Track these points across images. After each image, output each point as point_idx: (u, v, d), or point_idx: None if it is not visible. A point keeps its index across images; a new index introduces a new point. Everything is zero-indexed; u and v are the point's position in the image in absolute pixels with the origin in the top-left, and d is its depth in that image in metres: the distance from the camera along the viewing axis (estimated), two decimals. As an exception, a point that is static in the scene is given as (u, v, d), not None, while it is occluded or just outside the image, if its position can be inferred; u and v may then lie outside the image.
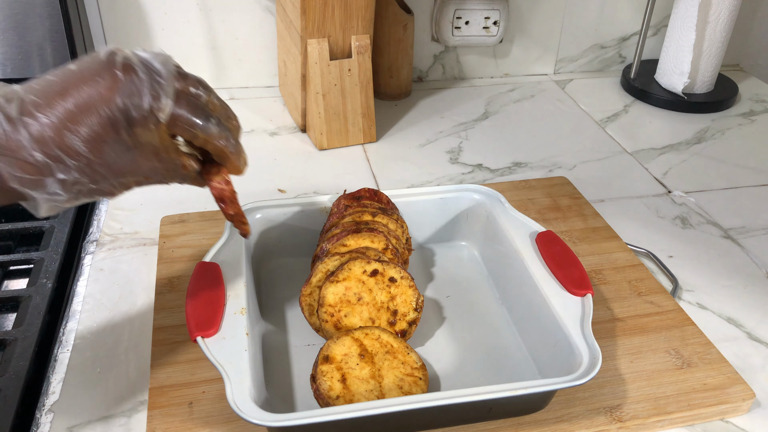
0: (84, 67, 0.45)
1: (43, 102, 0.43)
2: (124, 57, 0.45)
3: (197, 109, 0.47)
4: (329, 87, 0.93)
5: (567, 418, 0.57)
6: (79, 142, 0.44)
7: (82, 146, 0.44)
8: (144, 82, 0.44)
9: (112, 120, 0.44)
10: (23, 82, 0.45)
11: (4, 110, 0.43)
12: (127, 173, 0.47)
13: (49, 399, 0.59)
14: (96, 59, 0.45)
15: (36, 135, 0.43)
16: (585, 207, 0.84)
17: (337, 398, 0.55)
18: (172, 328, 0.64)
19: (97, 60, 0.45)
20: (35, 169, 0.43)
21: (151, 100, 0.44)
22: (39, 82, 0.45)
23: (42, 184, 0.44)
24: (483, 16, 1.14)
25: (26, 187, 0.43)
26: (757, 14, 1.28)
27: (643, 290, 0.71)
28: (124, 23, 1.04)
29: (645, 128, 1.09)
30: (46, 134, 0.43)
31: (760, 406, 0.61)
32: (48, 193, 0.44)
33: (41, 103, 0.43)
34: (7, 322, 0.67)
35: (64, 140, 0.43)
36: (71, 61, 0.46)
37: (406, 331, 0.63)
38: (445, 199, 0.75)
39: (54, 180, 0.44)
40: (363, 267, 0.62)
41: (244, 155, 0.52)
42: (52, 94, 0.44)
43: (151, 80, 0.44)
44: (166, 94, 0.45)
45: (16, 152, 0.42)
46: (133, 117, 0.44)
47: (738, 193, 0.92)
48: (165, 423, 0.55)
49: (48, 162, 0.43)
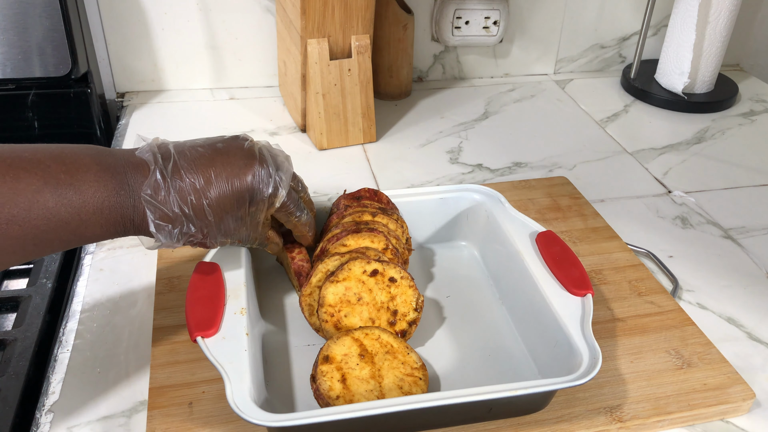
0: (227, 146, 0.56)
1: (191, 167, 0.54)
2: (260, 151, 0.57)
3: (297, 202, 0.61)
4: (329, 87, 0.93)
5: (567, 418, 0.57)
6: (208, 206, 0.54)
7: (209, 209, 0.54)
8: (271, 175, 0.56)
9: (240, 196, 0.55)
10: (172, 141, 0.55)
11: (161, 168, 0.52)
12: (229, 236, 0.57)
13: (49, 399, 0.59)
14: (240, 145, 0.56)
15: (180, 193, 0.53)
16: (585, 207, 0.84)
17: (337, 398, 0.55)
18: (172, 328, 0.64)
19: (240, 146, 0.56)
20: (170, 219, 0.53)
21: (273, 190, 0.56)
22: (188, 147, 0.55)
23: (169, 231, 0.53)
24: (483, 15, 1.14)
25: (158, 231, 0.53)
26: (757, 14, 1.28)
27: (643, 290, 0.71)
28: (124, 23, 1.04)
29: (645, 128, 1.09)
30: (187, 194, 0.53)
31: (761, 406, 0.61)
32: (170, 238, 0.54)
33: (189, 168, 0.54)
34: (7, 322, 0.67)
35: (199, 202, 0.54)
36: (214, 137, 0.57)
37: (406, 331, 0.63)
38: (445, 199, 0.75)
39: (179, 230, 0.54)
40: (363, 267, 0.62)
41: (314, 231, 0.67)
42: (199, 162, 0.54)
43: (276, 174, 0.56)
44: (284, 189, 0.57)
45: (163, 204, 0.52)
46: (255, 198, 0.56)
47: (738, 193, 0.92)
48: (165, 423, 0.55)
49: (180, 216, 0.53)
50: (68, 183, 0.49)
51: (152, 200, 0.52)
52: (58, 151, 0.50)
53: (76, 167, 0.50)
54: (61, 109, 0.96)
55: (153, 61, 1.09)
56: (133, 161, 0.53)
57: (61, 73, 0.93)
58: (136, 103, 1.08)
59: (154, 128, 1.01)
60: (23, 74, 0.93)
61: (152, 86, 1.11)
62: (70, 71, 0.93)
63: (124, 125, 1.02)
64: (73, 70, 0.93)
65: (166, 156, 0.53)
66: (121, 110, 1.07)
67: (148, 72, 1.10)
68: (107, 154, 0.52)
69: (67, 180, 0.49)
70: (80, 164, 0.50)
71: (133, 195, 0.51)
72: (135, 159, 0.53)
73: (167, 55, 1.09)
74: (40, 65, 0.93)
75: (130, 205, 0.51)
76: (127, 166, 0.52)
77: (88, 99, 0.96)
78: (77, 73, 0.94)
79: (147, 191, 0.52)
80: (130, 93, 1.10)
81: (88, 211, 0.49)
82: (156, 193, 0.52)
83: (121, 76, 1.09)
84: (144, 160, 0.53)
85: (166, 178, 0.52)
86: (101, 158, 0.51)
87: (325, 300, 0.61)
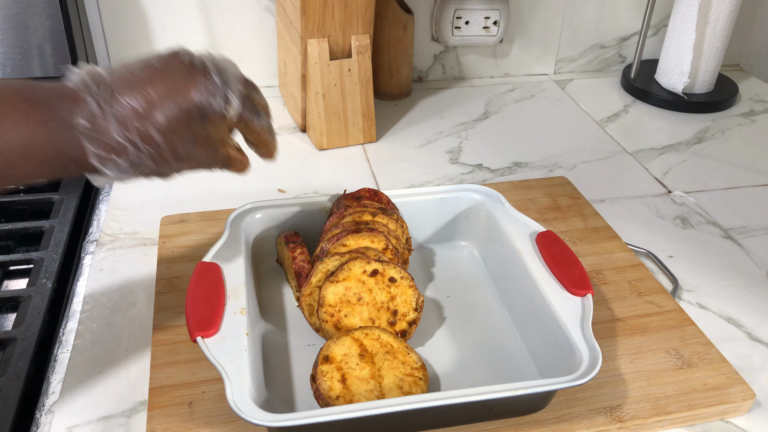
0: (165, 64, 0.50)
1: (128, 90, 0.48)
2: (201, 60, 0.51)
3: (253, 108, 0.55)
4: (329, 87, 0.93)
5: (567, 418, 0.57)
6: (155, 130, 0.49)
7: (157, 134, 0.49)
8: (218, 85, 0.51)
9: (188, 114, 0.50)
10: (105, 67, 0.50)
11: (95, 95, 0.47)
12: (185, 160, 0.52)
13: (49, 399, 0.59)
14: (176, 58, 0.51)
15: (120, 119, 0.47)
16: (585, 207, 0.84)
17: (337, 398, 0.55)
18: (172, 328, 0.64)
19: (177, 59, 0.51)
20: (114, 149, 0.48)
21: (223, 100, 0.51)
22: (123, 71, 0.50)
23: (116, 162, 0.48)
24: (483, 16, 1.14)
25: (102, 164, 0.48)
26: (757, 14, 1.28)
27: (643, 290, 0.71)
28: (124, 23, 1.04)
29: (645, 128, 1.09)
30: (129, 120, 0.48)
31: (761, 406, 0.61)
32: (118, 171, 0.49)
33: (127, 92, 0.48)
34: (7, 322, 0.67)
35: (144, 127, 0.48)
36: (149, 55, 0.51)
37: (406, 331, 0.63)
38: (445, 199, 0.75)
39: (126, 160, 0.49)
40: (363, 267, 0.62)
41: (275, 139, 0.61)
42: (137, 84, 0.49)
43: (223, 83, 0.51)
44: (236, 97, 0.52)
45: (101, 133, 0.47)
46: (206, 113, 0.50)
47: (738, 193, 0.92)
48: (165, 423, 0.55)
49: (126, 145, 0.48)
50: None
51: (89, 131, 0.47)
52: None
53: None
54: (61, 109, 0.96)
55: (153, 61, 1.09)
56: (63, 91, 0.48)
57: (61, 73, 0.93)
58: (136, 103, 1.08)
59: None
60: (23, 74, 0.92)
61: (152, 86, 1.11)
62: (70, 71, 0.93)
63: (124, 125, 1.02)
64: (73, 70, 0.93)
65: (98, 81, 0.48)
66: (121, 110, 1.06)
67: (148, 72, 1.09)
68: (35, 86, 0.48)
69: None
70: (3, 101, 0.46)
71: (67, 127, 0.47)
72: (65, 89, 0.48)
73: (167, 55, 1.08)
74: (40, 65, 0.93)
75: (64, 138, 0.47)
76: (59, 98, 0.47)
77: (88, 99, 0.96)
78: (77, 73, 0.94)
79: (80, 121, 0.47)
80: (130, 93, 1.10)
81: (14, 151, 0.45)
82: (92, 122, 0.47)
83: (121, 76, 1.09)
84: (76, 89, 0.48)
85: (101, 105, 0.47)
86: (29, 92, 0.47)
87: (325, 300, 0.61)
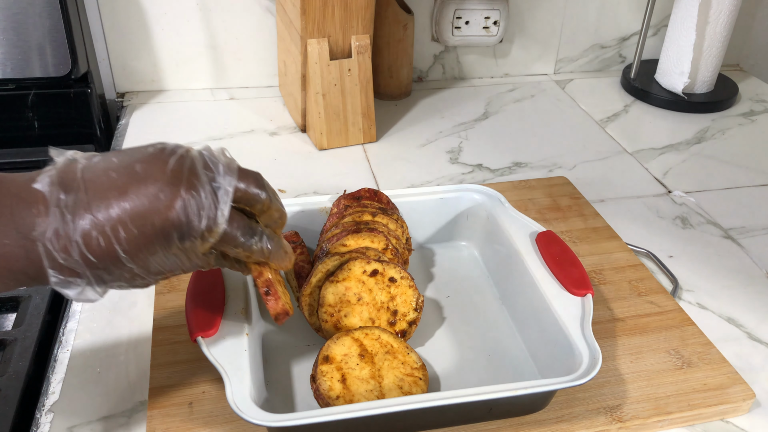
0: (147, 169, 0.43)
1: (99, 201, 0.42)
2: (190, 165, 0.44)
3: (246, 228, 0.47)
4: (329, 87, 0.93)
5: (567, 418, 0.57)
6: (123, 252, 0.43)
7: (125, 256, 0.43)
8: (203, 204, 0.44)
9: (163, 233, 0.43)
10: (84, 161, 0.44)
11: (62, 205, 0.41)
12: (162, 273, 0.46)
13: (49, 399, 0.59)
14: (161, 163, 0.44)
15: (85, 237, 0.41)
16: (585, 207, 0.84)
17: (337, 398, 0.55)
18: (172, 328, 0.64)
19: (162, 164, 0.44)
20: (74, 273, 0.42)
21: (207, 222, 0.44)
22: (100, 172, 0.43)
23: (78, 286, 0.43)
24: (483, 15, 1.14)
25: (62, 287, 0.43)
26: (757, 14, 1.28)
27: (643, 290, 0.71)
28: (124, 23, 1.04)
29: (645, 128, 1.09)
30: (94, 239, 0.42)
31: (761, 406, 0.61)
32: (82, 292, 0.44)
33: (98, 203, 0.42)
34: (7, 322, 0.67)
35: (110, 248, 0.42)
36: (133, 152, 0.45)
37: (406, 331, 0.63)
38: (445, 199, 0.75)
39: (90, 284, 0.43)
40: (363, 267, 0.62)
41: (287, 255, 0.52)
42: (111, 194, 0.42)
43: (210, 201, 0.44)
44: (222, 217, 0.45)
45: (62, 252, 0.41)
46: (185, 234, 0.44)
47: (738, 193, 0.92)
48: (165, 423, 0.55)
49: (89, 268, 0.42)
50: None
51: (50, 250, 0.41)
52: None
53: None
54: (61, 109, 0.96)
55: (153, 61, 1.09)
56: (25, 197, 0.42)
57: (61, 73, 0.93)
58: (136, 103, 1.08)
59: (154, 128, 1.01)
60: (23, 74, 0.93)
61: (152, 86, 1.11)
62: (70, 71, 0.93)
63: (124, 125, 1.02)
64: (73, 70, 0.93)
65: (69, 185, 0.42)
66: (121, 110, 1.07)
67: (148, 72, 1.10)
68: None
69: None
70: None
71: (24, 244, 0.41)
72: (29, 193, 0.42)
73: (167, 55, 1.09)
74: (40, 65, 0.93)
75: (21, 256, 0.41)
76: (16, 205, 0.41)
77: (88, 99, 0.96)
78: (77, 73, 0.94)
79: (41, 237, 0.41)
80: (130, 93, 1.10)
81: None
82: (53, 239, 0.41)
83: (120, 76, 1.09)
84: (42, 194, 0.42)
85: (67, 220, 0.41)
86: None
87: (325, 300, 0.61)
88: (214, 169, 0.45)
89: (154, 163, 0.44)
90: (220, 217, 0.45)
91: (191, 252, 0.45)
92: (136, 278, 0.45)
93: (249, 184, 0.47)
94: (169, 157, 0.44)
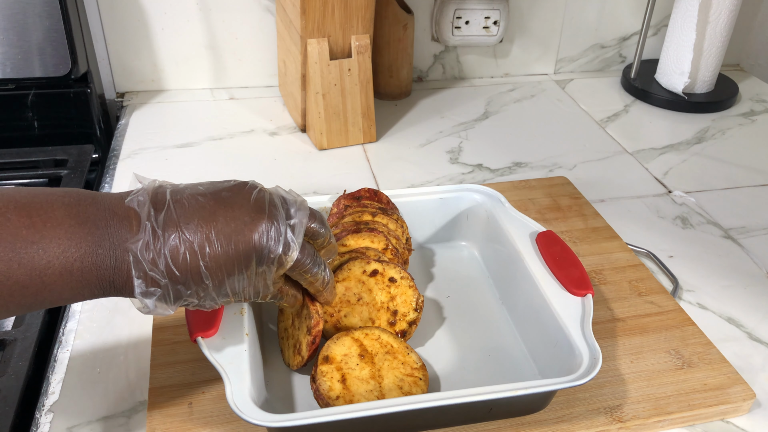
0: (232, 196, 0.48)
1: (189, 222, 0.46)
2: (270, 199, 0.49)
3: (314, 257, 0.52)
4: (329, 87, 0.93)
5: (567, 419, 0.57)
6: (206, 270, 0.46)
7: (206, 274, 0.46)
8: (281, 232, 0.48)
9: (244, 257, 0.47)
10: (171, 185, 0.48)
11: (153, 221, 0.45)
12: (232, 295, 0.49)
13: (49, 399, 0.59)
14: (244, 193, 0.49)
15: (173, 253, 0.45)
16: (585, 207, 0.84)
17: (337, 398, 0.55)
18: (172, 328, 0.64)
19: (245, 193, 0.49)
20: (157, 283, 0.45)
21: (283, 248, 0.49)
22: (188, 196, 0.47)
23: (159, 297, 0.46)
24: (483, 15, 1.14)
25: (145, 297, 0.45)
26: (757, 14, 1.28)
27: (644, 290, 0.71)
28: (124, 23, 1.04)
29: (645, 128, 1.09)
30: (181, 255, 0.45)
31: (761, 406, 0.61)
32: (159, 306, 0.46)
33: (187, 223, 0.46)
34: (7, 322, 0.67)
35: (195, 265, 0.46)
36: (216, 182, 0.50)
37: (406, 331, 0.63)
38: (445, 199, 0.75)
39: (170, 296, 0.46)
40: (363, 267, 0.62)
41: (334, 289, 0.58)
42: (199, 216, 0.46)
43: (288, 230, 0.49)
44: (297, 246, 0.49)
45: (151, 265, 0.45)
46: (263, 258, 0.48)
47: (738, 193, 0.92)
48: (165, 423, 0.55)
49: (172, 281, 0.45)
50: (30, 240, 0.41)
51: (140, 260, 0.44)
52: (26, 199, 0.43)
53: (43, 221, 0.42)
54: (61, 109, 0.96)
55: (153, 61, 1.09)
56: (119, 212, 0.45)
57: (61, 73, 0.93)
58: (136, 103, 1.08)
59: (154, 128, 1.01)
60: (23, 74, 0.93)
61: (152, 86, 1.11)
62: (70, 71, 0.93)
63: (124, 125, 1.02)
64: (73, 70, 0.93)
65: (160, 205, 0.46)
66: (121, 110, 1.07)
67: (148, 72, 1.10)
68: (88, 202, 0.45)
69: (29, 236, 0.41)
70: (49, 217, 0.43)
71: (115, 254, 0.44)
72: (122, 209, 0.45)
73: (167, 55, 1.09)
74: (40, 65, 0.93)
75: (111, 266, 0.44)
76: (111, 219, 0.45)
77: (87, 99, 0.96)
78: (77, 73, 0.94)
79: (133, 251, 0.44)
80: (129, 93, 1.10)
81: (54, 274, 0.42)
82: (144, 252, 0.44)
83: (120, 76, 1.09)
84: (134, 211, 0.45)
85: (158, 235, 0.45)
86: (79, 209, 0.44)
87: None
88: (289, 204, 0.50)
89: (238, 193, 0.49)
90: (296, 245, 0.49)
91: (263, 277, 0.49)
92: (207, 298, 0.48)
93: (314, 220, 0.52)
94: (252, 190, 0.49)
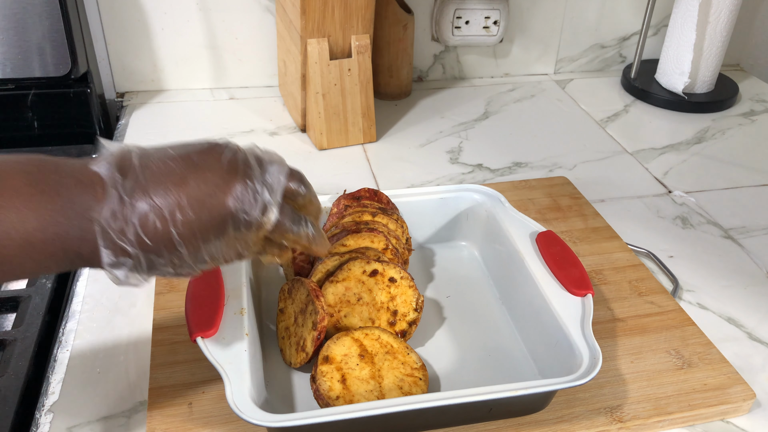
0: (204, 159, 0.45)
1: (157, 186, 0.43)
2: (243, 159, 0.46)
3: (294, 217, 0.49)
4: (329, 87, 0.93)
5: (567, 419, 0.57)
6: (178, 237, 0.43)
7: (180, 242, 0.44)
8: (258, 193, 0.46)
9: (220, 222, 0.45)
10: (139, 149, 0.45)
11: (120, 187, 0.42)
12: (209, 262, 0.47)
13: (49, 399, 0.59)
14: (216, 154, 0.46)
15: (142, 220, 0.42)
16: (585, 207, 0.84)
17: (337, 398, 0.55)
18: (172, 328, 0.64)
19: (217, 155, 0.46)
20: (129, 253, 0.43)
21: (260, 211, 0.46)
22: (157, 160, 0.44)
23: (130, 267, 0.43)
24: (483, 15, 1.14)
25: (114, 268, 0.43)
26: (757, 14, 1.28)
27: (644, 290, 0.71)
28: (124, 23, 1.04)
29: (645, 128, 1.09)
30: (151, 222, 0.43)
31: (761, 406, 0.61)
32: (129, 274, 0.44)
33: (156, 188, 0.43)
34: (7, 322, 0.67)
35: (166, 232, 0.43)
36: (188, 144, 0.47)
37: (406, 331, 0.63)
38: (445, 199, 0.75)
39: (141, 267, 0.44)
40: (363, 267, 0.62)
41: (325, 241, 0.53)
42: (169, 180, 0.44)
43: (264, 191, 0.46)
44: (275, 207, 0.47)
45: (119, 234, 0.42)
46: (239, 223, 0.45)
47: (738, 193, 0.92)
48: (165, 423, 0.55)
49: (142, 251, 0.43)
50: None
51: (106, 230, 0.42)
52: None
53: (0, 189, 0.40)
54: (60, 109, 0.96)
55: (153, 61, 1.09)
56: (84, 179, 0.43)
57: (60, 73, 0.93)
58: (136, 103, 1.08)
59: (154, 128, 1.01)
60: (23, 74, 0.92)
61: (152, 86, 1.11)
62: (69, 71, 0.93)
63: (124, 125, 1.02)
64: (73, 70, 0.93)
65: (126, 170, 0.43)
66: (120, 110, 1.07)
67: (148, 72, 1.10)
68: (50, 170, 0.42)
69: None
70: (6, 185, 0.40)
71: (80, 224, 0.41)
72: (87, 175, 0.43)
73: (167, 55, 1.08)
74: (40, 65, 0.93)
75: (76, 236, 0.41)
76: (75, 186, 0.42)
77: (87, 99, 0.96)
78: (77, 73, 0.94)
79: (98, 217, 0.42)
80: (129, 93, 1.10)
81: (13, 245, 0.40)
82: (111, 220, 0.42)
83: (120, 76, 1.09)
84: (99, 177, 0.43)
85: (124, 201, 0.42)
86: (40, 176, 0.42)
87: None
88: (266, 164, 0.47)
89: (210, 154, 0.46)
90: (274, 206, 0.47)
91: (241, 241, 0.47)
92: (183, 266, 0.45)
93: (293, 179, 0.49)
94: (224, 150, 0.46)
